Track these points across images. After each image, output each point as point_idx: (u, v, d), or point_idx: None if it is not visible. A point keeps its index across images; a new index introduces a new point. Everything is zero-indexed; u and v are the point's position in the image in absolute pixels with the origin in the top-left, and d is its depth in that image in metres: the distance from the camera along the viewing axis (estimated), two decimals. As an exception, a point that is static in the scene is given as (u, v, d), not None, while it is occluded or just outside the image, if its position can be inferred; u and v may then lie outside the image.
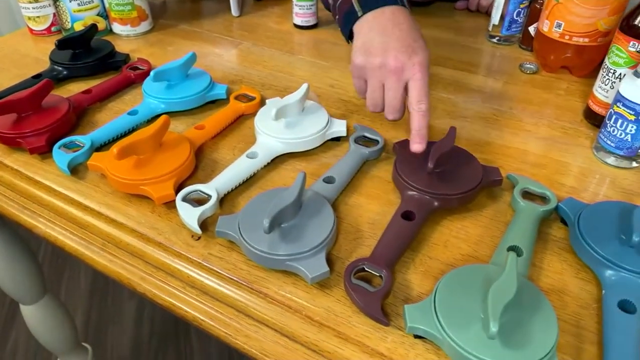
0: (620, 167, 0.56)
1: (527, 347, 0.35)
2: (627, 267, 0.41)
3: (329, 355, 0.40)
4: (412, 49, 0.53)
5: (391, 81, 0.54)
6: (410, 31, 0.55)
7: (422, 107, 0.53)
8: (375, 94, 0.57)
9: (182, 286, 0.46)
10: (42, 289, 1.04)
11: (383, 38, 0.55)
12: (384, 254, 0.44)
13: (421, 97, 0.53)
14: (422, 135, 0.52)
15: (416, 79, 0.53)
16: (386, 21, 0.56)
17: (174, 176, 0.51)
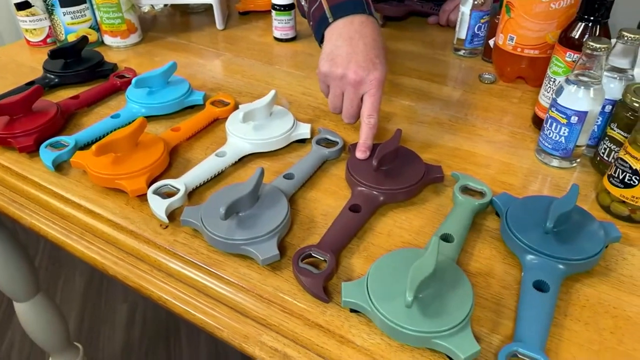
0: (560, 168, 0.61)
1: (442, 317, 0.40)
2: (543, 252, 0.46)
3: (275, 327, 0.44)
4: (373, 64, 0.59)
5: (349, 92, 0.61)
6: (373, 45, 0.60)
7: (371, 120, 0.59)
8: (335, 99, 0.64)
9: (150, 269, 0.51)
10: (35, 286, 1.08)
11: (348, 49, 0.60)
12: (330, 241, 0.49)
13: (372, 111, 0.59)
14: (367, 145, 0.59)
15: (371, 94, 0.59)
16: (353, 32, 0.61)
17: (147, 172, 0.56)
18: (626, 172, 0.51)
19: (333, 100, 0.64)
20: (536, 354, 0.38)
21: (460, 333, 0.39)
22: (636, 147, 0.49)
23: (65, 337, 1.22)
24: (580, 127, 0.56)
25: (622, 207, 0.52)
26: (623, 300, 0.45)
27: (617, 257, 0.49)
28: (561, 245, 0.46)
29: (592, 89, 0.55)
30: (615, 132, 0.56)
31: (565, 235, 0.47)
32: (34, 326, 1.15)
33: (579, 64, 0.55)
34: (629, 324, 0.43)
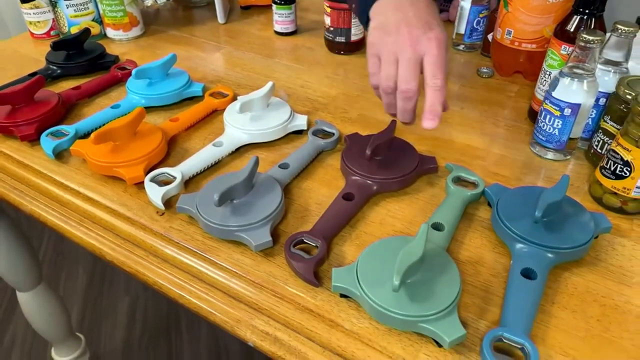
0: (554, 160, 0.61)
1: (429, 302, 0.40)
2: (532, 241, 0.46)
3: (266, 312, 0.45)
4: (429, 25, 0.52)
5: (405, 53, 0.51)
6: (426, 10, 0.54)
7: (436, 82, 0.50)
8: (389, 69, 0.53)
9: (146, 255, 0.52)
10: (38, 276, 1.10)
11: (398, 16, 0.53)
12: (322, 228, 0.50)
13: (435, 72, 0.50)
14: (435, 111, 0.50)
15: (431, 54, 0.51)
16: (403, 2, 0.54)
17: (145, 160, 0.57)
18: (617, 164, 0.51)
19: (386, 70, 0.53)
20: (520, 339, 0.38)
21: (447, 318, 0.40)
22: (628, 138, 0.50)
23: (68, 327, 1.23)
24: (574, 119, 0.57)
25: (613, 198, 0.53)
26: (611, 290, 0.45)
27: (607, 247, 0.49)
28: (550, 234, 0.46)
29: (585, 82, 0.55)
30: (609, 124, 0.56)
31: (555, 224, 0.47)
32: (37, 316, 1.16)
33: (572, 57, 0.55)
34: (616, 313, 0.43)
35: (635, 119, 0.49)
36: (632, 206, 0.52)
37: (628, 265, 0.47)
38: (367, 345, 0.41)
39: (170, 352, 1.45)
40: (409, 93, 0.51)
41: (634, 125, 0.49)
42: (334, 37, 0.86)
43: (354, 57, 0.88)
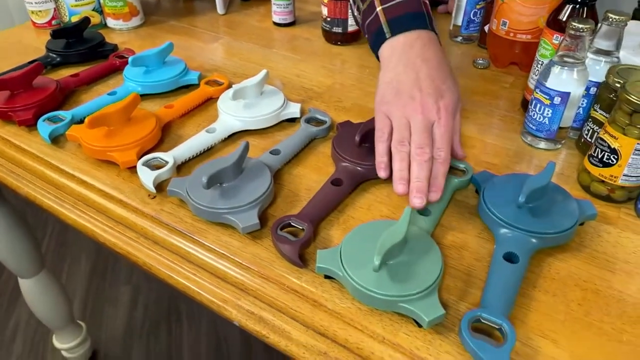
0: (545, 149, 0.61)
1: (410, 282, 0.41)
2: (516, 226, 0.46)
3: (252, 292, 0.46)
4: (440, 91, 0.52)
5: (417, 120, 0.51)
6: (439, 69, 0.54)
7: (440, 154, 0.50)
8: (401, 130, 0.52)
9: (137, 237, 0.53)
10: (40, 263, 1.11)
11: (411, 75, 0.53)
12: (309, 212, 0.50)
13: (441, 144, 0.51)
14: (438, 185, 0.50)
15: (441, 125, 0.51)
16: (415, 57, 0.54)
17: (138, 145, 0.58)
18: (605, 152, 0.51)
19: (399, 130, 0.52)
20: (498, 319, 0.39)
21: (427, 298, 0.40)
22: (615, 126, 0.50)
23: (69, 315, 1.25)
24: (564, 108, 0.57)
25: (601, 186, 0.53)
26: (594, 275, 0.45)
27: (593, 234, 0.50)
28: (534, 219, 0.47)
29: (575, 70, 0.55)
30: (598, 113, 0.56)
31: (540, 210, 0.48)
32: (38, 302, 1.18)
33: (563, 45, 0.55)
34: (597, 297, 0.43)
35: (622, 106, 0.49)
36: (619, 194, 0.52)
37: (612, 251, 0.48)
38: (349, 325, 0.42)
39: (170, 340, 1.47)
40: (425, 156, 0.50)
41: (621, 113, 0.49)
42: (330, 28, 0.87)
43: (350, 47, 0.88)
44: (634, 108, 0.48)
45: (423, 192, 0.49)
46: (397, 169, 0.51)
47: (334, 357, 0.41)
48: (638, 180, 0.51)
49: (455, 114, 0.53)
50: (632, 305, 0.43)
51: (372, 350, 0.40)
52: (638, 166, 0.50)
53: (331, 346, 0.42)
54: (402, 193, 0.50)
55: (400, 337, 0.40)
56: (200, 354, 1.43)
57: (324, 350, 0.42)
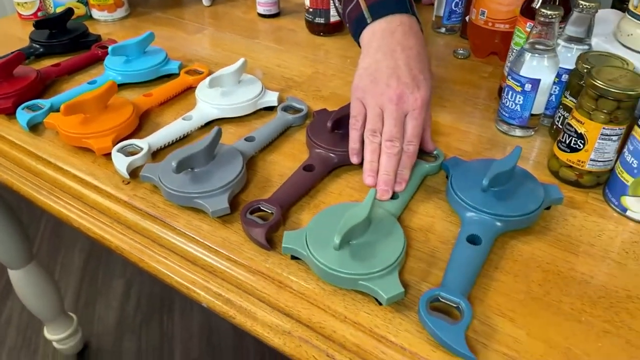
0: (517, 137, 0.62)
1: (371, 261, 0.42)
2: (480, 209, 0.47)
3: (220, 274, 0.47)
4: (417, 81, 0.52)
5: (390, 110, 0.52)
6: (418, 59, 0.53)
7: (410, 147, 0.52)
8: (374, 120, 0.53)
9: (111, 222, 0.53)
10: (29, 255, 1.12)
11: (389, 63, 0.53)
12: (280, 197, 0.51)
13: (411, 137, 0.52)
14: (402, 176, 0.51)
15: (413, 116, 0.52)
16: (395, 44, 0.53)
17: (114, 132, 0.59)
18: (572, 137, 0.52)
19: (372, 120, 0.53)
20: (456, 298, 0.40)
21: (387, 277, 0.41)
22: (582, 111, 0.50)
23: (59, 306, 1.26)
24: (534, 95, 0.57)
25: (569, 171, 0.54)
26: (556, 257, 0.46)
27: (559, 218, 0.50)
28: (499, 203, 0.47)
29: (546, 57, 0.56)
30: (569, 99, 0.57)
31: (505, 194, 0.48)
32: (28, 294, 1.19)
33: (533, 33, 0.56)
34: (558, 278, 0.44)
35: (588, 91, 0.49)
36: (587, 179, 0.53)
37: (577, 234, 0.48)
38: (312, 305, 0.43)
39: (162, 332, 1.48)
40: (394, 150, 0.51)
41: (587, 98, 0.50)
42: (313, 19, 0.87)
43: (333, 38, 0.89)
44: (600, 93, 0.48)
45: (390, 185, 0.51)
46: (368, 161, 0.53)
47: (297, 336, 0.42)
48: (605, 165, 0.52)
49: (428, 107, 0.54)
50: (594, 286, 0.43)
51: (334, 329, 0.41)
52: (604, 151, 0.51)
53: (295, 326, 0.43)
54: (371, 185, 0.52)
55: (361, 316, 0.41)
56: (192, 346, 1.44)
57: (288, 330, 0.43)
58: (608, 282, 0.44)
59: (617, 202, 0.50)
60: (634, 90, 0.47)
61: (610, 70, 0.50)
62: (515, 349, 0.38)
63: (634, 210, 0.49)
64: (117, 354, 1.42)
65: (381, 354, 0.39)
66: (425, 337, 0.39)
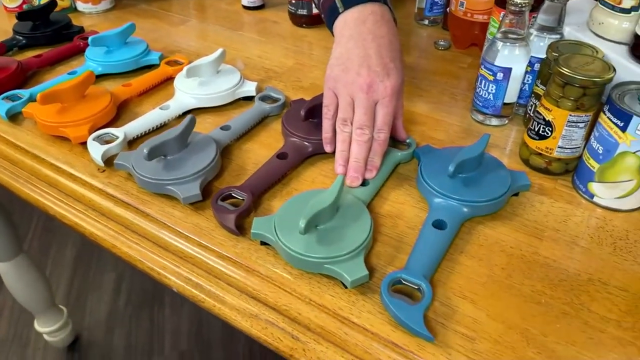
0: (491, 126, 0.63)
1: (336, 245, 0.42)
2: (447, 195, 0.48)
3: (191, 260, 0.47)
4: (387, 70, 0.52)
5: (361, 99, 0.52)
6: (389, 47, 0.54)
7: (380, 135, 0.52)
8: (346, 109, 0.53)
9: (85, 209, 0.54)
10: (17, 247, 1.13)
11: (360, 52, 0.53)
12: (252, 184, 0.51)
13: (382, 125, 0.52)
14: (373, 163, 0.52)
15: (384, 104, 0.52)
16: (367, 33, 0.54)
17: (90, 121, 0.59)
18: (540, 124, 0.52)
19: (343, 109, 0.53)
20: (417, 280, 0.40)
21: (352, 260, 0.42)
22: (549, 98, 0.51)
23: (48, 299, 1.26)
24: (506, 84, 0.58)
25: (539, 159, 0.54)
26: (521, 242, 0.47)
27: (526, 204, 0.51)
28: (466, 189, 0.48)
29: (517, 46, 0.56)
30: (540, 88, 0.57)
31: (473, 180, 0.49)
32: (17, 286, 1.19)
33: (505, 22, 0.56)
34: (521, 262, 0.45)
35: (555, 79, 0.50)
36: (556, 166, 0.54)
37: (543, 220, 0.49)
38: (279, 288, 0.43)
39: (152, 325, 1.49)
40: (364, 137, 0.52)
41: (555, 85, 0.50)
42: (296, 10, 0.87)
43: (316, 29, 0.89)
44: (566, 80, 0.49)
45: (359, 172, 0.52)
46: (339, 150, 0.54)
47: (264, 319, 0.43)
48: (573, 152, 0.52)
49: (399, 96, 0.54)
50: (555, 269, 0.44)
51: (299, 312, 0.42)
52: (572, 138, 0.51)
53: (262, 309, 0.43)
54: (341, 174, 0.52)
55: (326, 298, 0.42)
56: (181, 339, 1.45)
57: (255, 313, 0.43)
58: (571, 265, 0.44)
59: (585, 188, 0.51)
60: (600, 77, 0.48)
61: (578, 58, 0.51)
62: (474, 329, 0.39)
63: (600, 197, 0.50)
64: (108, 346, 1.43)
65: (344, 335, 0.40)
66: (386, 319, 0.40)
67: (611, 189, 0.49)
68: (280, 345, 0.42)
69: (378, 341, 0.39)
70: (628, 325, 0.40)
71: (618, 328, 0.40)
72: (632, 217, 0.50)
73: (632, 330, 0.39)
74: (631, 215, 0.50)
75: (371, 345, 0.39)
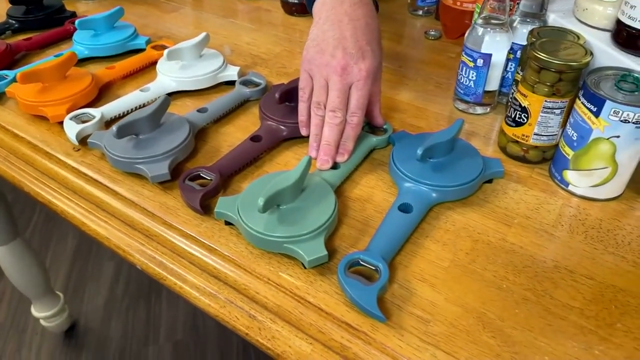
0: (473, 114, 0.62)
1: (297, 225, 0.42)
2: (415, 179, 0.47)
3: (155, 238, 0.47)
4: (363, 52, 0.51)
5: (335, 81, 0.51)
6: (365, 29, 0.52)
7: (353, 119, 0.52)
8: (319, 91, 0.53)
9: (58, 187, 0.54)
10: (13, 231, 1.14)
11: (335, 34, 0.52)
12: (222, 165, 0.51)
13: (355, 108, 0.51)
14: (346, 147, 0.52)
15: (358, 87, 0.51)
16: (343, 15, 0.53)
17: (69, 101, 0.59)
18: (517, 110, 0.51)
19: (317, 93, 0.53)
20: (375, 261, 0.40)
21: (312, 240, 0.41)
22: (525, 84, 0.50)
23: (45, 284, 1.27)
24: (487, 70, 0.57)
25: (516, 147, 0.53)
26: (489, 227, 0.46)
27: (499, 191, 0.50)
28: (435, 174, 0.47)
29: (498, 32, 0.55)
30: (520, 75, 0.56)
31: (443, 166, 0.48)
32: (13, 270, 1.21)
33: (486, 7, 0.55)
34: (487, 248, 0.44)
35: (531, 64, 0.49)
36: (533, 154, 0.53)
37: (514, 207, 0.48)
38: (239, 267, 0.43)
39: (148, 315, 1.49)
40: (336, 120, 0.51)
41: (531, 70, 0.49)
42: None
43: (307, 18, 0.89)
44: (542, 65, 0.48)
45: (330, 154, 0.51)
46: (313, 134, 0.53)
47: (222, 298, 0.43)
48: (549, 139, 0.51)
49: (375, 79, 0.53)
50: (521, 256, 0.43)
51: (257, 291, 0.41)
52: (548, 125, 0.50)
53: (222, 288, 0.43)
54: (315, 157, 0.52)
55: (283, 278, 0.41)
56: (177, 329, 1.45)
57: (215, 292, 0.43)
58: (537, 252, 0.43)
59: (560, 176, 0.50)
60: (576, 62, 0.47)
61: (555, 42, 0.50)
62: (430, 312, 0.38)
63: (576, 185, 0.49)
64: (104, 334, 1.44)
65: (299, 314, 0.39)
66: (342, 299, 0.39)
67: (586, 177, 0.48)
68: (237, 324, 0.41)
69: (332, 321, 0.38)
70: (591, 314, 0.39)
71: (580, 316, 0.39)
72: (608, 206, 0.49)
73: (595, 318, 0.38)
74: (608, 205, 0.49)
75: (325, 325, 0.38)
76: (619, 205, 0.49)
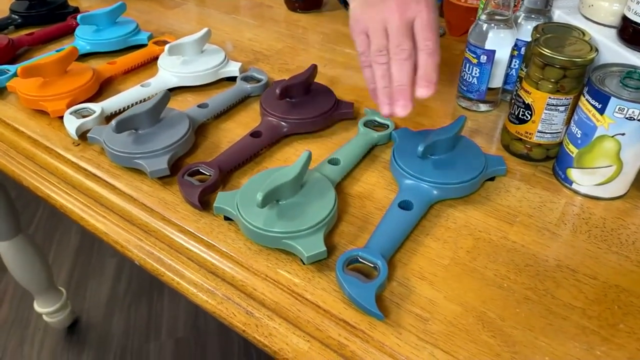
0: (476, 111, 0.61)
1: (296, 221, 0.41)
2: (416, 176, 0.46)
3: (154, 233, 0.47)
4: None
5: (394, 21, 0.45)
6: None
7: (428, 44, 0.45)
8: (379, 41, 0.46)
9: (58, 182, 0.54)
10: (16, 226, 1.14)
11: None
12: (221, 160, 0.51)
13: (427, 34, 0.45)
14: (429, 77, 0.46)
15: (422, 17, 0.45)
16: None
17: (70, 96, 0.59)
18: (520, 108, 0.51)
19: (376, 40, 0.46)
20: (374, 258, 0.39)
21: (311, 236, 0.41)
22: (529, 81, 0.49)
23: (48, 279, 1.27)
24: (490, 67, 0.56)
25: (519, 144, 0.52)
26: (490, 226, 0.45)
27: (501, 189, 0.49)
28: (437, 171, 0.47)
29: (502, 29, 0.55)
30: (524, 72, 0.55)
31: (444, 163, 0.48)
32: (16, 266, 1.21)
33: (490, 3, 0.55)
34: (488, 246, 0.43)
35: (535, 60, 0.48)
36: (537, 152, 0.52)
37: (516, 205, 0.47)
38: (237, 264, 0.43)
39: (150, 311, 1.49)
40: (403, 54, 0.45)
41: (534, 67, 0.49)
42: (290, -5, 0.87)
43: (310, 14, 0.88)
44: (546, 61, 0.47)
45: (406, 96, 0.45)
46: (380, 87, 0.47)
47: (220, 294, 0.42)
48: (553, 137, 0.51)
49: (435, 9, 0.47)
50: (522, 255, 0.42)
51: (255, 287, 0.41)
52: (552, 122, 0.49)
53: (220, 284, 0.43)
54: (387, 115, 0.46)
55: (281, 275, 0.41)
56: (178, 326, 1.45)
57: (212, 288, 0.43)
58: (539, 251, 0.43)
59: (564, 175, 0.49)
60: (580, 58, 0.46)
61: (559, 39, 0.49)
62: (429, 311, 0.38)
63: (580, 183, 0.48)
64: (106, 330, 1.44)
65: (297, 312, 0.39)
66: (340, 296, 0.39)
67: (590, 175, 0.47)
68: (234, 321, 0.41)
69: (330, 318, 0.38)
70: (593, 314, 0.38)
71: (582, 316, 0.38)
72: (612, 205, 0.48)
73: (598, 319, 0.38)
74: (612, 203, 0.48)
75: (322, 322, 0.38)
76: (623, 204, 0.48)
